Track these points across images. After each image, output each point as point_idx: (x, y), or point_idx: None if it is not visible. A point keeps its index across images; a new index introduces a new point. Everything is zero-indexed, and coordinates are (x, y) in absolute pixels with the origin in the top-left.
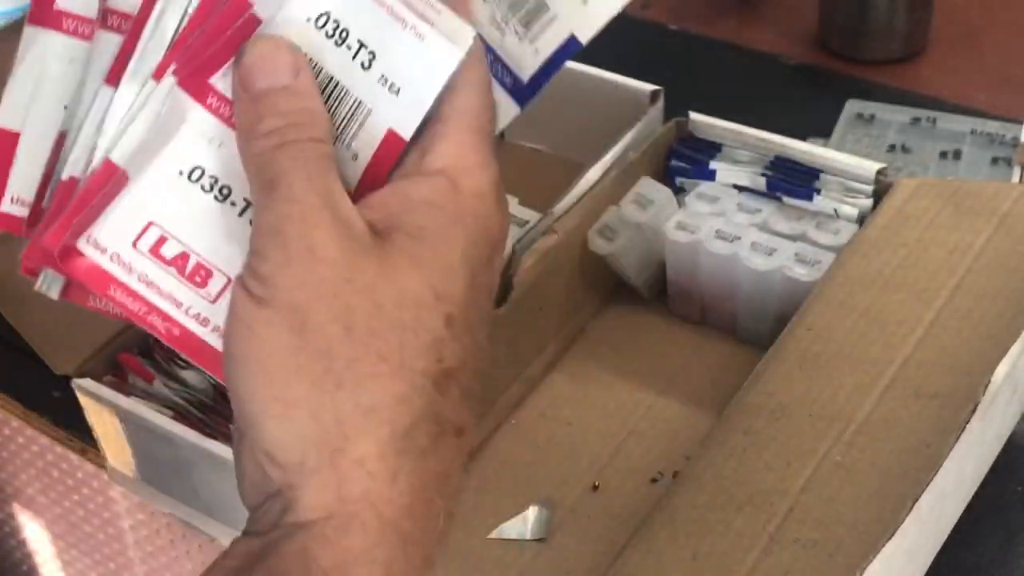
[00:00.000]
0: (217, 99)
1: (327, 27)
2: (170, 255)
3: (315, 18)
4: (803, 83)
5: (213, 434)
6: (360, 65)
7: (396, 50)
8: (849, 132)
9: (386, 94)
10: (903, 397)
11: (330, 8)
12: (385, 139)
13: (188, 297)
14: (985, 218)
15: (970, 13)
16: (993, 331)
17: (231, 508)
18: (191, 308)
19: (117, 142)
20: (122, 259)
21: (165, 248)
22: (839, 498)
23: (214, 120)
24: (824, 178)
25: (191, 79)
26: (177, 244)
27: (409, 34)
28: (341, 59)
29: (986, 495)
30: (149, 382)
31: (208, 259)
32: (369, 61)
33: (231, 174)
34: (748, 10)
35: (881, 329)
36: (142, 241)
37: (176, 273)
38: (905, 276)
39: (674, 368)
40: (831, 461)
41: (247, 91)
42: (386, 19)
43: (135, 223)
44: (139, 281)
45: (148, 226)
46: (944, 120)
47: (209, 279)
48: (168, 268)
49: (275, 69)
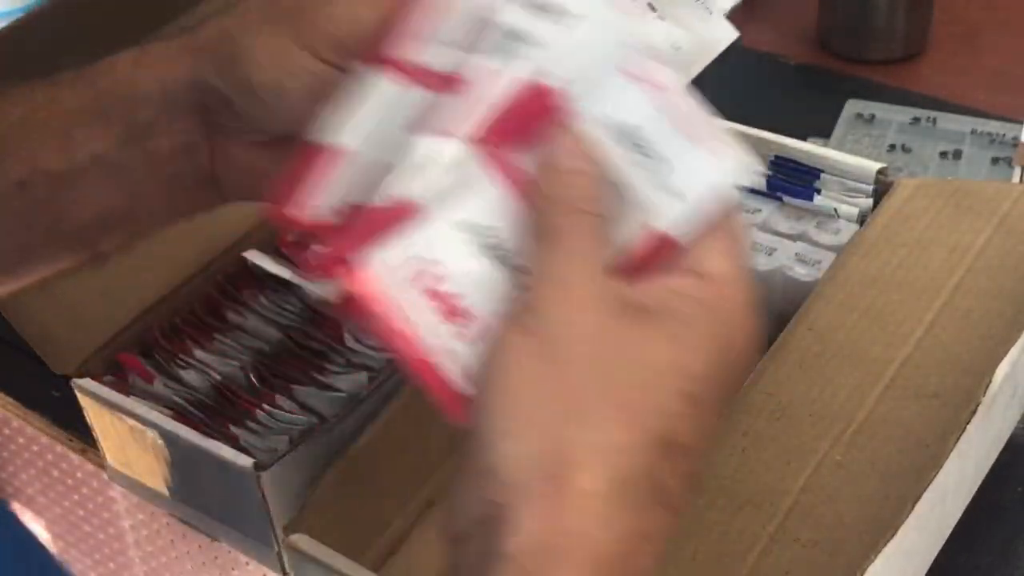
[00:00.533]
0: (512, 170)
1: (629, 133)
2: (441, 291)
3: (618, 124)
4: (803, 83)
5: (213, 434)
6: (650, 169)
7: (680, 158)
8: (849, 132)
9: (667, 198)
10: (903, 397)
11: (634, 121)
12: (655, 235)
13: (446, 331)
14: (985, 218)
15: (970, 13)
16: (993, 331)
17: (231, 508)
18: (445, 342)
19: (410, 184)
20: (399, 283)
21: (438, 285)
22: (839, 498)
23: (505, 187)
24: (824, 178)
25: (495, 150)
26: (449, 284)
27: (695, 147)
28: (635, 160)
29: (986, 495)
30: (149, 382)
31: (472, 304)
32: (658, 167)
33: (509, 236)
34: (748, 10)
35: (881, 329)
36: (420, 274)
37: (441, 308)
38: (905, 276)
39: None
40: (831, 461)
41: (552, 166)
42: (674, 130)
43: (420, 256)
44: (409, 306)
45: (429, 262)
46: (944, 120)
47: (469, 321)
48: (434, 302)
49: (579, 154)
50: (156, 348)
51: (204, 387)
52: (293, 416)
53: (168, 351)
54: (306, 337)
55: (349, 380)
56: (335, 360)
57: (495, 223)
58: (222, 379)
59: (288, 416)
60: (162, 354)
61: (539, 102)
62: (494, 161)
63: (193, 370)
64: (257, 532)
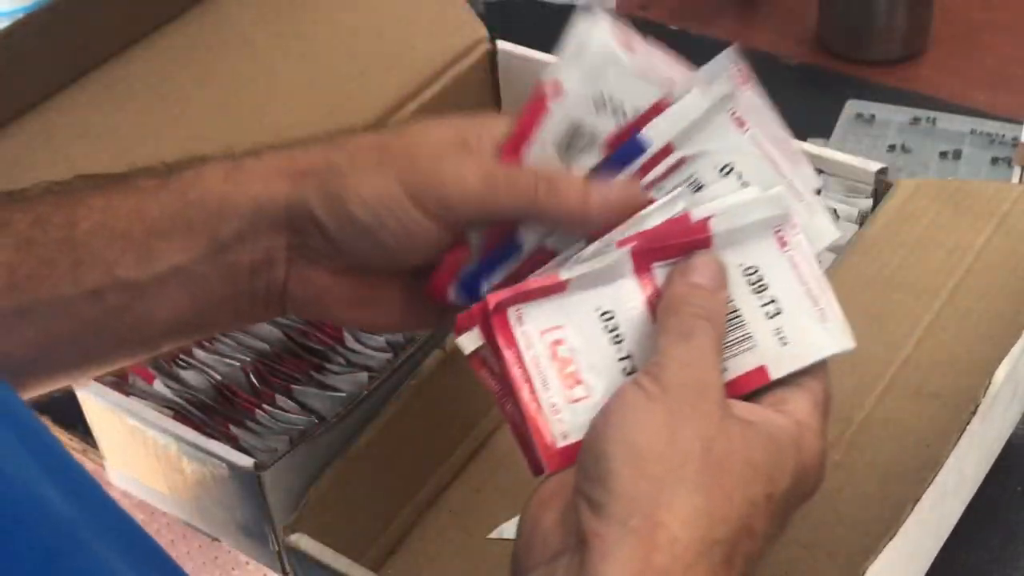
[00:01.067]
0: (649, 279)
1: (752, 276)
2: (561, 355)
3: (746, 266)
4: (803, 83)
5: (213, 434)
6: (765, 313)
7: (798, 315)
8: (849, 132)
9: (775, 341)
10: (903, 397)
11: (759, 265)
12: (757, 370)
13: (556, 389)
14: (985, 218)
15: (970, 13)
16: (993, 331)
17: (231, 508)
18: (553, 400)
19: (572, 265)
20: (529, 337)
21: (561, 349)
22: (839, 498)
23: (640, 291)
24: (824, 178)
25: (642, 257)
26: (569, 350)
27: (814, 310)
28: (753, 300)
29: (986, 495)
30: (149, 382)
31: (584, 373)
32: (773, 313)
33: (630, 329)
34: (748, 10)
35: (881, 329)
36: (549, 334)
37: (558, 369)
38: (905, 276)
39: None
40: (831, 461)
41: (687, 278)
42: (801, 292)
43: (554, 319)
44: (530, 359)
45: (560, 327)
46: (944, 120)
47: (576, 385)
48: (554, 363)
49: (711, 276)
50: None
51: (204, 387)
52: (293, 416)
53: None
54: (306, 337)
55: (349, 380)
56: (335, 360)
57: (621, 313)
58: (222, 379)
59: (288, 416)
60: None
61: (690, 227)
62: (638, 262)
63: (193, 370)
64: (257, 532)
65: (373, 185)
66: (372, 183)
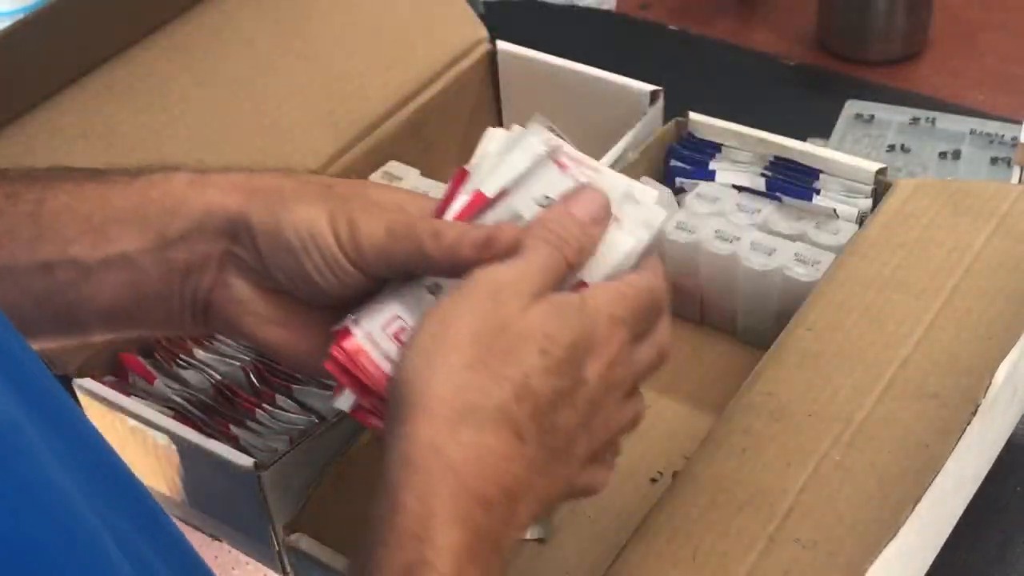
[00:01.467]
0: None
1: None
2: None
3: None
4: (803, 83)
5: (213, 434)
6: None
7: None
8: (849, 132)
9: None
10: (903, 397)
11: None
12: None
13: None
14: (984, 218)
15: (970, 13)
16: (993, 331)
17: (231, 508)
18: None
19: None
20: (373, 337)
21: (403, 335)
22: (839, 498)
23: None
24: (824, 178)
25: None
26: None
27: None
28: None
29: (986, 495)
30: (150, 382)
31: (408, 325)
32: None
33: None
34: (748, 10)
35: (881, 329)
36: (390, 326)
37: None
38: (905, 276)
39: (674, 368)
40: (831, 461)
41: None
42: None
43: (389, 313)
44: (383, 357)
45: (399, 317)
46: (944, 120)
47: (402, 333)
48: (395, 343)
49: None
50: (157, 348)
51: (204, 387)
52: (293, 416)
53: (169, 351)
54: None
55: None
56: None
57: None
58: (222, 379)
59: (288, 416)
60: (163, 354)
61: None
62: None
63: (194, 370)
64: (257, 532)
65: (307, 214)
66: (307, 212)
